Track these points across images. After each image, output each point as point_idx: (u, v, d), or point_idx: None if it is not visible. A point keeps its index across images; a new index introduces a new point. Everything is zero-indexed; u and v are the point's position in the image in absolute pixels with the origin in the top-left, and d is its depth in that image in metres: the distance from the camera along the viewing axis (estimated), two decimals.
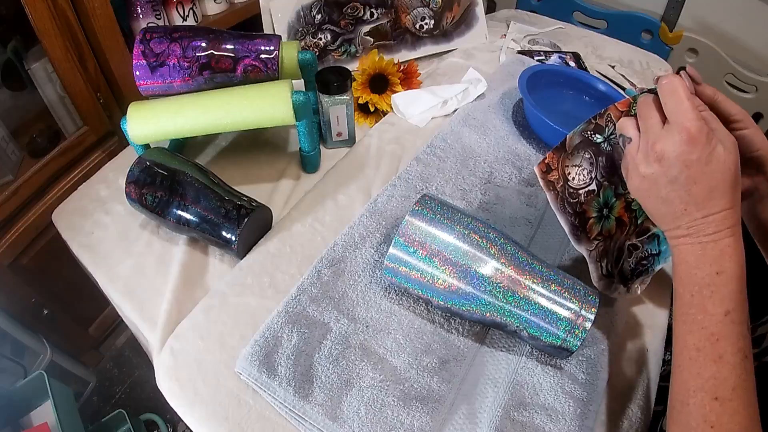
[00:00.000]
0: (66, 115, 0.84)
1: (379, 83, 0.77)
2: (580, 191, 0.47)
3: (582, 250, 0.47)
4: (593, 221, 0.47)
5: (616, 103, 0.44)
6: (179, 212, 0.54)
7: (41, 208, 0.82)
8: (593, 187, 0.47)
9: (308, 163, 0.67)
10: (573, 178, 0.46)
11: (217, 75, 0.59)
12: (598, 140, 0.46)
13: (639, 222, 0.49)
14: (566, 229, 0.46)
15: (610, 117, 0.45)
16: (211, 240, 0.55)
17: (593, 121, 0.45)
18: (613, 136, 0.45)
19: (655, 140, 0.38)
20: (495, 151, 0.70)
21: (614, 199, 0.47)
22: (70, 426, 0.78)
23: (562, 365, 0.48)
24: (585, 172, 0.46)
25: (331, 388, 0.45)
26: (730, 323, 0.36)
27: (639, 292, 0.51)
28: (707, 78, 1.34)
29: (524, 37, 0.99)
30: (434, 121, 0.76)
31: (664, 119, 0.39)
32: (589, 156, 0.46)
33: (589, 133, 0.46)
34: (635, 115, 0.42)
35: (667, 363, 0.53)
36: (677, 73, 0.42)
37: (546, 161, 0.46)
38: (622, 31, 1.36)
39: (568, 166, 0.46)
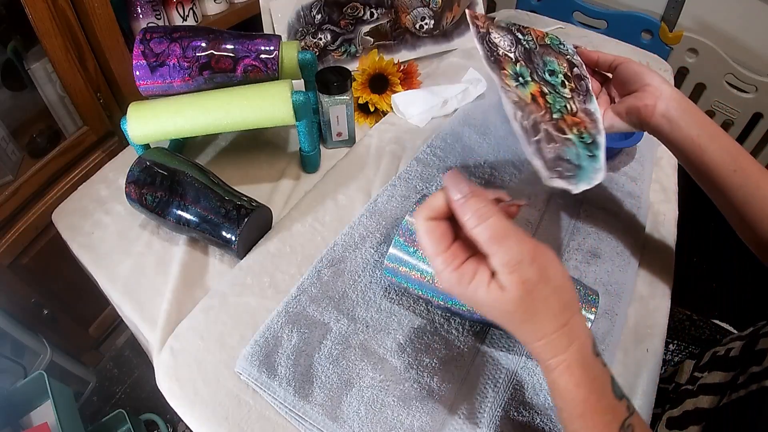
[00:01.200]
0: (66, 115, 0.84)
1: (379, 83, 0.77)
2: (500, 50, 0.48)
3: (494, 77, 0.46)
4: (507, 75, 0.46)
5: (537, 30, 0.53)
6: (179, 212, 0.54)
7: (41, 208, 0.82)
8: (512, 56, 0.48)
9: (308, 163, 0.67)
10: (495, 38, 0.48)
11: (217, 75, 0.59)
12: (519, 37, 0.51)
13: (554, 117, 0.48)
14: (481, 52, 0.46)
15: (529, 31, 0.52)
16: (211, 240, 0.55)
17: (516, 24, 0.52)
18: (531, 41, 0.51)
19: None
20: (495, 151, 0.70)
21: (529, 78, 0.48)
22: (70, 426, 0.78)
23: None
24: (507, 43, 0.49)
25: (331, 388, 0.45)
26: None
27: (553, 185, 0.44)
28: (707, 78, 1.36)
29: None
30: (434, 121, 0.76)
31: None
32: (511, 38, 0.49)
33: (513, 27, 0.51)
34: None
35: (666, 363, 0.53)
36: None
37: (476, 13, 0.49)
38: (622, 31, 1.37)
39: (493, 29, 0.49)
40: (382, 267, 0.50)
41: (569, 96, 0.50)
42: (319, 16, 0.80)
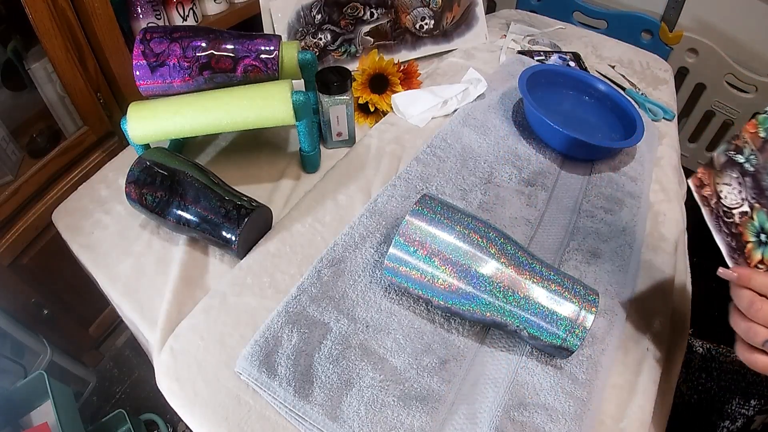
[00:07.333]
0: (66, 115, 0.84)
1: (379, 83, 0.77)
2: (734, 211, 0.45)
3: (728, 257, 0.44)
4: (752, 246, 0.43)
5: (746, 125, 0.46)
6: (179, 212, 0.54)
7: (41, 208, 0.82)
8: (746, 208, 0.44)
9: (308, 163, 0.67)
10: (725, 197, 0.46)
11: (217, 75, 0.59)
12: (741, 160, 0.45)
13: None
14: (723, 250, 0.44)
15: (745, 138, 0.45)
16: (211, 240, 0.55)
17: (732, 141, 0.46)
18: (753, 156, 0.45)
19: None
20: (495, 151, 0.70)
21: None
22: (70, 426, 0.78)
23: (562, 365, 0.48)
24: (735, 192, 0.45)
25: (331, 388, 0.45)
26: None
27: None
28: (707, 78, 1.36)
29: (524, 37, 0.99)
30: (434, 121, 0.76)
31: None
32: (736, 176, 0.45)
33: (731, 153, 0.46)
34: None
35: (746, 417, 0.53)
36: None
37: (699, 176, 0.47)
38: (622, 31, 1.37)
39: (719, 184, 0.46)
40: (382, 267, 0.50)
41: None
42: (319, 16, 0.80)
